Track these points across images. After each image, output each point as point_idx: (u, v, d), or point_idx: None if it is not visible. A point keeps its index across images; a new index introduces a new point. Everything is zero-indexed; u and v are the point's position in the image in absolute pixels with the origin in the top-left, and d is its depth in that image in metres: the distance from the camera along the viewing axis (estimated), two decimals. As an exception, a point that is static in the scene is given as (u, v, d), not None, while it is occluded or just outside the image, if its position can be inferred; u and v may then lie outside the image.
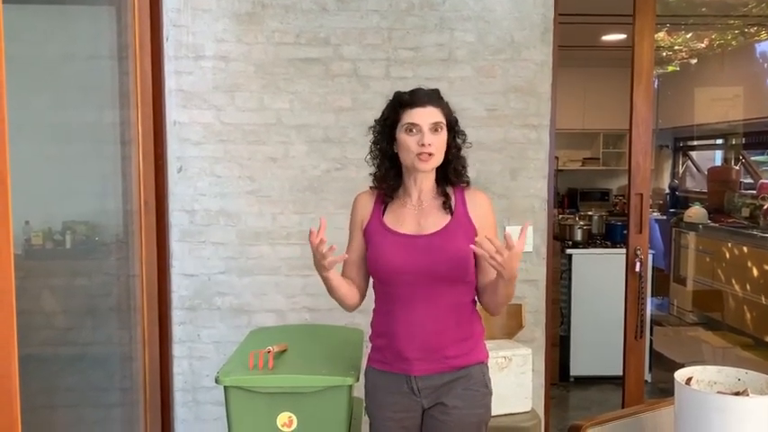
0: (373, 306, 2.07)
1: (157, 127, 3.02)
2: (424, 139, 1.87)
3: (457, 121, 1.98)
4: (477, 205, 1.98)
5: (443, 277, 1.91)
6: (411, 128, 1.89)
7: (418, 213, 1.97)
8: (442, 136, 1.92)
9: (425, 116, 1.89)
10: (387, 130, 1.96)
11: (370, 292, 2.10)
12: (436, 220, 1.95)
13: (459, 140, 1.98)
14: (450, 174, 1.97)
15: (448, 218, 1.95)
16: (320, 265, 1.87)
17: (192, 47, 3.11)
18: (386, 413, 1.99)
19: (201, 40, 3.11)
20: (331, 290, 2.00)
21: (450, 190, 1.99)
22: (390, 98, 2.00)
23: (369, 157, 2.04)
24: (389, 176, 1.99)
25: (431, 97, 1.93)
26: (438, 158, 1.92)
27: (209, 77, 3.13)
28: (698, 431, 1.52)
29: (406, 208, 1.98)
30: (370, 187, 2.07)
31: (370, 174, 2.06)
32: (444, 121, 1.92)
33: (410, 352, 1.92)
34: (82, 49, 2.93)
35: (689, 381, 1.63)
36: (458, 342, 1.94)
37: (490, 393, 1.99)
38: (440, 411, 1.94)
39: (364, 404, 2.11)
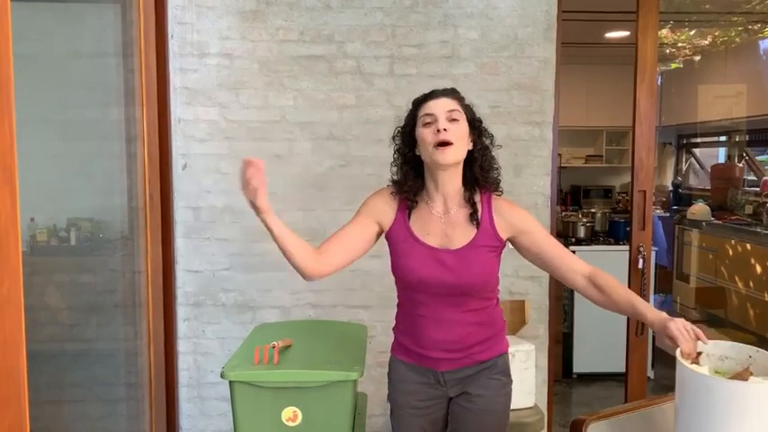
0: (396, 301, 2.05)
1: (162, 124, 3.03)
2: (439, 124, 1.82)
3: (481, 121, 1.93)
4: (504, 218, 1.91)
5: (467, 292, 1.90)
6: (427, 119, 1.85)
7: (445, 223, 1.91)
8: (461, 127, 1.86)
9: (440, 105, 1.86)
10: (407, 134, 1.93)
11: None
12: (462, 233, 1.90)
13: (485, 140, 1.92)
14: (477, 173, 1.90)
15: (474, 231, 1.89)
16: (249, 191, 1.75)
17: (196, 44, 3.12)
18: (411, 401, 2.01)
19: (206, 37, 3.12)
20: (275, 240, 1.86)
21: (477, 198, 1.93)
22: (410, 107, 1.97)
23: (392, 165, 1.99)
24: (409, 177, 1.93)
25: (446, 91, 1.91)
26: (458, 150, 1.84)
27: (214, 75, 3.14)
28: (697, 413, 1.47)
29: (433, 216, 1.92)
30: (389, 184, 2.01)
31: (391, 179, 1.99)
32: (462, 111, 1.88)
33: (435, 353, 1.95)
34: (87, 46, 2.94)
35: (699, 355, 1.60)
36: (481, 341, 1.97)
37: (511, 382, 2.04)
38: (465, 400, 1.99)
39: (388, 391, 2.08)
